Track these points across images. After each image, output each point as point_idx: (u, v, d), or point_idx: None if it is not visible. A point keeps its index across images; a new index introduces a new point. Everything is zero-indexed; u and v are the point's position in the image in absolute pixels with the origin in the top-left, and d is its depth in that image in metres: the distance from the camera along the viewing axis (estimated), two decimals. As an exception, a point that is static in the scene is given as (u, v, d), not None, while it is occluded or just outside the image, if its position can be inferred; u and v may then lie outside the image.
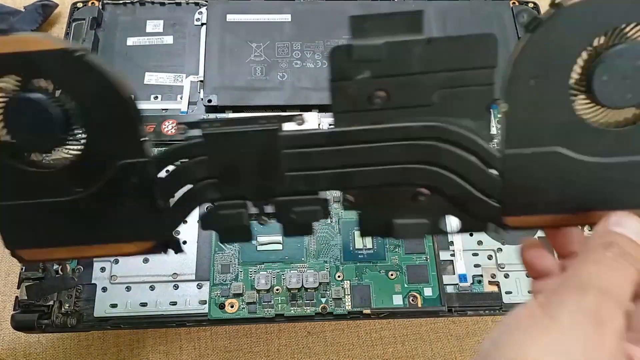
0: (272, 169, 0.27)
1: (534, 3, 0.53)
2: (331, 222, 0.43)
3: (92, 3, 0.50)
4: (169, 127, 0.44)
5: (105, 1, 0.51)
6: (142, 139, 0.27)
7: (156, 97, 0.47)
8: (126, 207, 0.28)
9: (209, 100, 0.46)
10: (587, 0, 0.24)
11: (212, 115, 0.45)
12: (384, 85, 0.26)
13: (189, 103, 0.47)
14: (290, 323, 0.50)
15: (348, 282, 0.41)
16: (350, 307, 0.40)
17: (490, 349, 0.21)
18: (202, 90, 0.47)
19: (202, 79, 0.47)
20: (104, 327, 0.40)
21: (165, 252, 0.29)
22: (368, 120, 0.26)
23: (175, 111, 0.46)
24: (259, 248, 0.42)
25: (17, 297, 0.38)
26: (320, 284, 0.41)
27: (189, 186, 0.28)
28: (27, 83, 0.26)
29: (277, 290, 0.41)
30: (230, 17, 0.50)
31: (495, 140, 0.27)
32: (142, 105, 0.46)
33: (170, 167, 0.28)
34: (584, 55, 0.25)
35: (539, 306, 0.20)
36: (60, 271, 0.40)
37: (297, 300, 0.40)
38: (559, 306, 0.20)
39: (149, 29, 0.50)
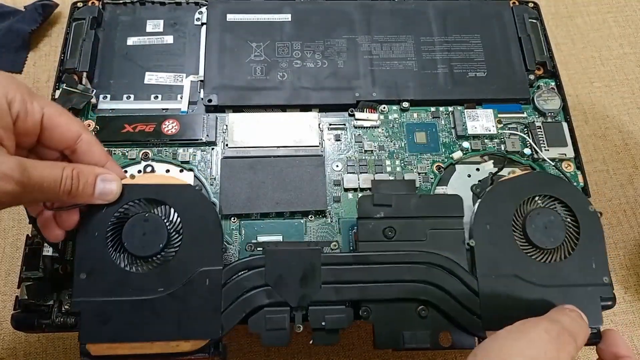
0: (311, 280, 0.35)
1: (534, 3, 0.53)
2: (331, 221, 0.43)
3: (92, 3, 0.50)
4: (169, 127, 0.44)
5: (105, 1, 0.51)
6: (221, 251, 0.35)
7: (156, 97, 0.47)
8: (194, 307, 0.34)
9: (209, 100, 0.46)
10: (506, 181, 0.39)
11: (212, 115, 0.45)
12: (393, 224, 0.37)
13: (189, 103, 0.47)
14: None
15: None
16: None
17: (478, 353, 0.30)
18: (202, 90, 0.47)
19: (202, 78, 0.47)
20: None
21: (212, 354, 0.35)
22: (382, 248, 0.36)
23: (175, 111, 0.46)
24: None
25: (17, 296, 0.38)
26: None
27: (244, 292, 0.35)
28: (147, 207, 0.35)
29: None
30: (231, 17, 0.50)
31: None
32: (142, 105, 0.47)
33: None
34: (518, 212, 0.37)
35: (515, 329, 0.31)
36: (60, 271, 0.40)
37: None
38: (532, 326, 0.30)
39: (149, 28, 0.50)
